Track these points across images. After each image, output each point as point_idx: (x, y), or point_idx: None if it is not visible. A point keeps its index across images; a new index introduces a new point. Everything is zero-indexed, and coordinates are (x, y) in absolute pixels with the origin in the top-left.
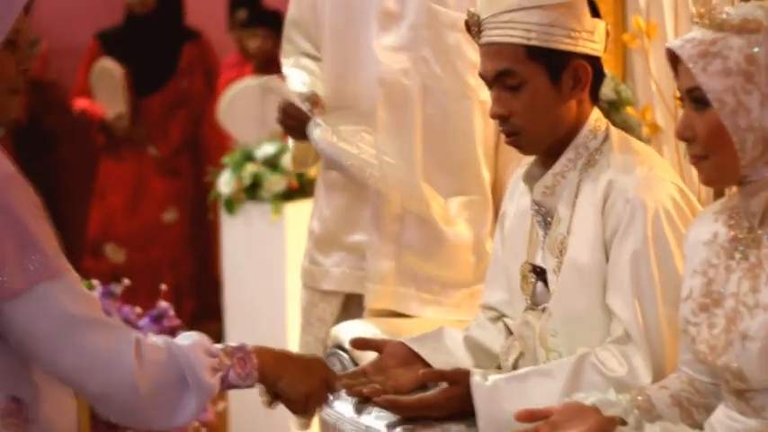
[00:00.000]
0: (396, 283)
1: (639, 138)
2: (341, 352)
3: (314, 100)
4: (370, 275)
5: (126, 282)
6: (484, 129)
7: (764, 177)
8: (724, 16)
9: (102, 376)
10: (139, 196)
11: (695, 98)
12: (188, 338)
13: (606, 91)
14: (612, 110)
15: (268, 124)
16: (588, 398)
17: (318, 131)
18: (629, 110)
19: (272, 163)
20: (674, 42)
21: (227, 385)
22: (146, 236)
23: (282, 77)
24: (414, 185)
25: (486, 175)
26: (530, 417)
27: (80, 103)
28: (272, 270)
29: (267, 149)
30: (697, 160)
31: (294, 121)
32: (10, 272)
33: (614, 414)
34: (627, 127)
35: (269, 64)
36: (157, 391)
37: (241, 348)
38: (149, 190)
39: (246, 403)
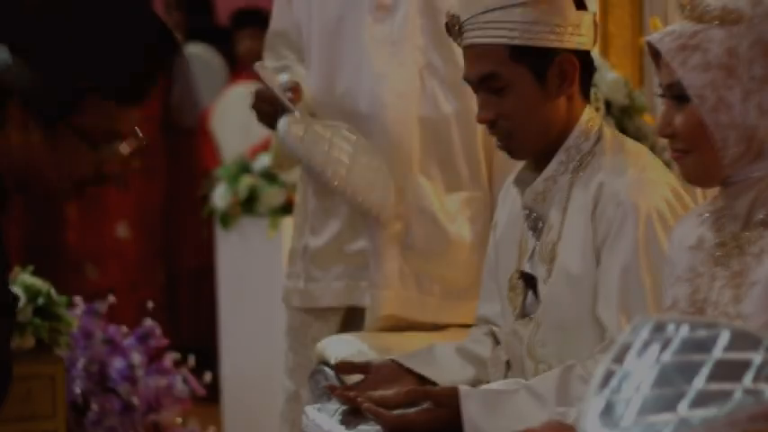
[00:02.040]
0: (400, 286)
1: (654, 147)
2: (327, 369)
3: (295, 89)
4: (374, 281)
5: (111, 299)
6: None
7: (749, 178)
8: (705, 6)
9: None
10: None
11: (675, 93)
12: None
13: (619, 97)
14: (625, 117)
15: (253, 134)
16: (569, 414)
17: (286, 121)
18: (644, 117)
19: (270, 175)
20: (653, 35)
21: None
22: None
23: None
24: (385, 190)
25: (485, 170)
26: None
27: None
28: (270, 287)
29: (265, 161)
30: (679, 155)
31: (267, 107)
32: None
33: None
34: (641, 135)
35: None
36: None
37: None
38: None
39: (242, 424)
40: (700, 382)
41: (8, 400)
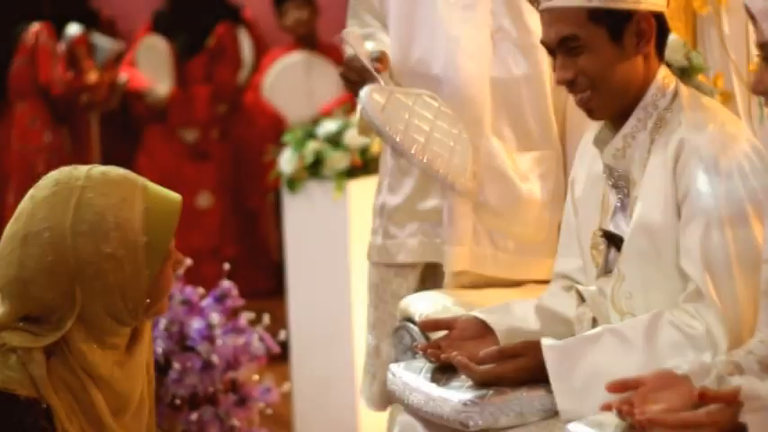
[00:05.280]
0: (473, 242)
1: None
2: (411, 325)
3: (381, 58)
4: (447, 238)
5: (188, 262)
6: (553, 78)
7: None
8: None
9: None
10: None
11: (766, 53)
12: None
13: (678, 57)
14: (684, 76)
15: (316, 99)
16: (681, 366)
17: (369, 89)
18: (701, 77)
19: (335, 140)
20: None
21: None
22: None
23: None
24: (464, 158)
25: (556, 129)
26: (622, 387)
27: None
28: (336, 249)
29: (329, 126)
30: None
31: (355, 76)
32: None
33: (708, 386)
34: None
35: (309, 36)
36: None
37: None
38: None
39: (311, 383)
40: None
41: None
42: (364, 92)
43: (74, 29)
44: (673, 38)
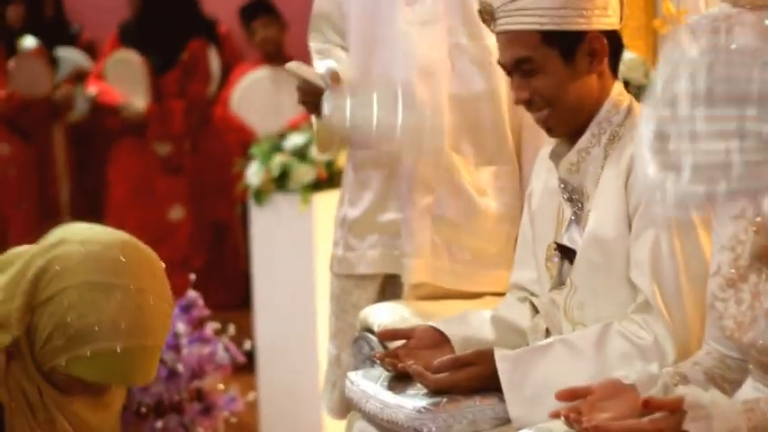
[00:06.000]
0: (431, 255)
1: None
2: (370, 335)
3: (333, 76)
4: (405, 250)
5: None
6: (509, 94)
7: None
8: None
9: None
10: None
11: None
12: None
13: (637, 76)
14: (642, 94)
15: (284, 114)
16: (629, 375)
17: (330, 103)
18: None
19: (301, 153)
20: (692, 17)
21: None
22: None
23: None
24: (439, 148)
25: (512, 144)
26: (571, 396)
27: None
28: (302, 260)
29: (296, 140)
30: None
31: (312, 98)
32: None
33: (653, 395)
34: None
35: (277, 52)
36: None
37: None
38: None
39: (276, 393)
40: None
41: None
42: (325, 101)
43: (29, 42)
44: (632, 57)
